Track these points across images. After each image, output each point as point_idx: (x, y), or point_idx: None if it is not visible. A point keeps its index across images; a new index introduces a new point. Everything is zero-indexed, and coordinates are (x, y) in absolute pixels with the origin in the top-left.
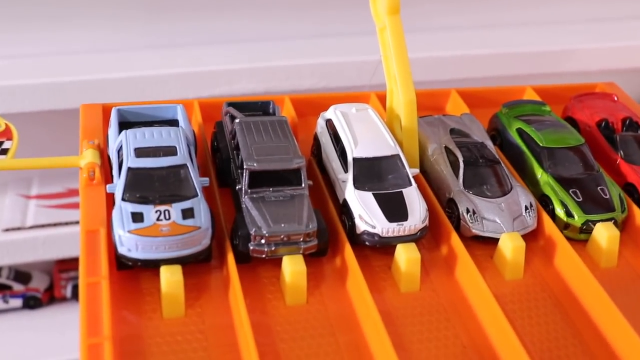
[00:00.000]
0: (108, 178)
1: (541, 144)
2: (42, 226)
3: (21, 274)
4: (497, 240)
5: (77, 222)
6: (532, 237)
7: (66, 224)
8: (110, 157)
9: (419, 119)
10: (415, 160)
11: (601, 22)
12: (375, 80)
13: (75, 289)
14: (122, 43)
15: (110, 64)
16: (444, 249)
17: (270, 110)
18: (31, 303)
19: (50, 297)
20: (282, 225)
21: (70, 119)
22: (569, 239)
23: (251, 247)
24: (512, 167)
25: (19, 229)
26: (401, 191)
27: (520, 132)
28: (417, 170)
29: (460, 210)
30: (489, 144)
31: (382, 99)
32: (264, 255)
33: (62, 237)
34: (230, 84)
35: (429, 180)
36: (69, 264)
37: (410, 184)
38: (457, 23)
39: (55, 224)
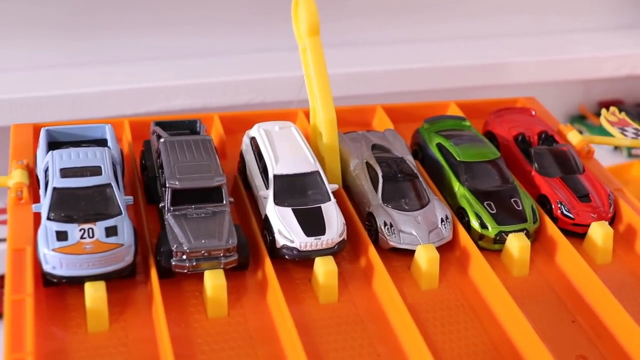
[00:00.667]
0: (37, 197)
1: (458, 158)
2: None
3: None
4: (413, 251)
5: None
6: (448, 248)
7: None
8: (38, 177)
9: (343, 135)
10: (337, 175)
11: (528, 37)
12: (303, 96)
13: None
14: (59, 60)
15: (47, 81)
16: (362, 260)
17: (197, 129)
18: None
19: None
20: (203, 241)
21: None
22: (484, 249)
23: (173, 263)
24: (432, 180)
25: None
26: (320, 206)
27: (439, 146)
28: (336, 186)
29: (378, 224)
30: (409, 158)
31: (308, 115)
32: (185, 270)
33: None
34: (168, 100)
35: (351, 194)
36: None
37: (329, 199)
38: (384, 38)
39: None
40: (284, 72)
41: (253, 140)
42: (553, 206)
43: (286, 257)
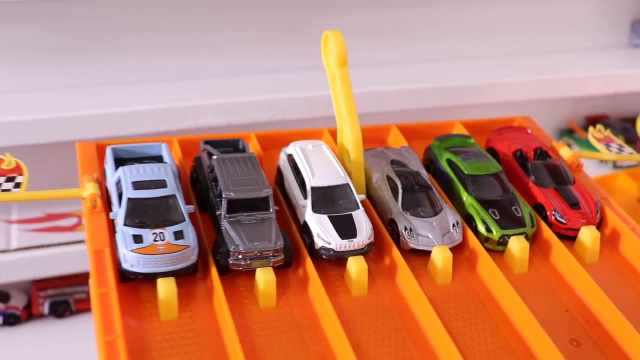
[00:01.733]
0: (106, 207)
1: (466, 172)
2: (26, 248)
3: (0, 294)
4: (430, 252)
5: (57, 245)
6: (458, 250)
7: (48, 246)
8: (109, 189)
9: (364, 152)
10: (362, 187)
11: (522, 57)
12: (330, 113)
13: (52, 306)
14: (95, 80)
15: (84, 101)
16: (387, 260)
17: (240, 147)
18: (11, 320)
19: (28, 315)
20: (256, 243)
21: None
22: (489, 250)
23: (230, 262)
24: (443, 191)
25: (4, 251)
26: (351, 214)
27: (449, 161)
28: (363, 196)
29: (399, 229)
30: (424, 172)
31: (333, 134)
32: (241, 268)
33: (43, 258)
34: (196, 118)
35: (374, 204)
36: (46, 283)
37: (358, 207)
38: (395, 58)
39: (38, 246)
40: (301, 92)
41: (290, 156)
42: (548, 213)
43: (323, 257)
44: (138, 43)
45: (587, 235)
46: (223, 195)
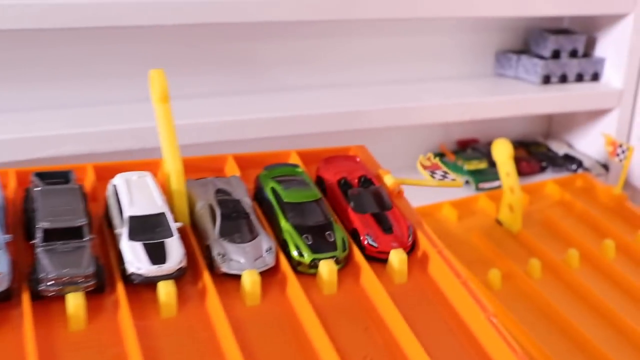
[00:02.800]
0: None
1: (285, 200)
2: None
3: None
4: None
5: None
6: (271, 273)
7: None
8: None
9: (193, 181)
10: (184, 214)
11: (386, 85)
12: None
13: None
14: None
15: None
16: (200, 284)
17: (70, 179)
18: None
19: None
20: (66, 269)
21: None
22: (301, 273)
23: (41, 288)
24: (267, 218)
25: None
26: (164, 241)
27: (273, 190)
28: (180, 224)
29: (213, 254)
30: (246, 200)
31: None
32: (52, 294)
33: None
34: (57, 147)
35: (197, 231)
36: None
37: (172, 235)
38: (259, 87)
39: None
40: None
41: (115, 187)
42: (361, 237)
43: (135, 281)
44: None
45: (395, 257)
46: (37, 225)
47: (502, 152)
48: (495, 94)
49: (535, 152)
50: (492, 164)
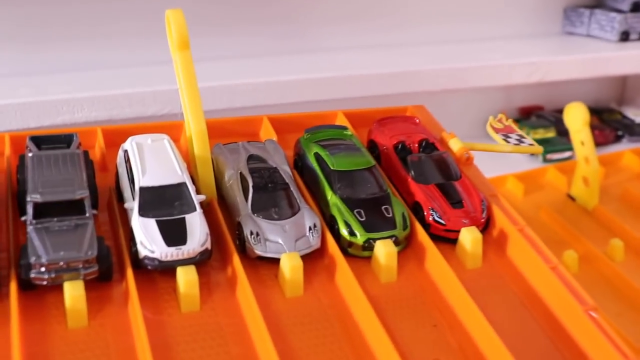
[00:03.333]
0: None
1: (332, 167)
2: None
3: None
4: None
5: None
6: (317, 256)
7: None
8: None
9: (222, 147)
10: (210, 186)
11: (441, 45)
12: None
13: None
14: None
15: None
16: (229, 270)
17: (73, 143)
18: None
19: None
20: (62, 253)
21: None
22: (354, 256)
23: (32, 275)
24: (311, 189)
25: None
26: (184, 217)
27: (317, 156)
28: (203, 197)
29: (245, 233)
30: (285, 168)
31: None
32: (45, 282)
33: None
34: (72, 112)
35: (226, 205)
36: None
37: (195, 210)
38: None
39: None
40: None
41: (125, 153)
42: (425, 213)
43: (148, 267)
44: (9, 32)
45: (468, 237)
46: (29, 199)
47: (577, 118)
48: (568, 53)
49: (609, 120)
50: (561, 133)
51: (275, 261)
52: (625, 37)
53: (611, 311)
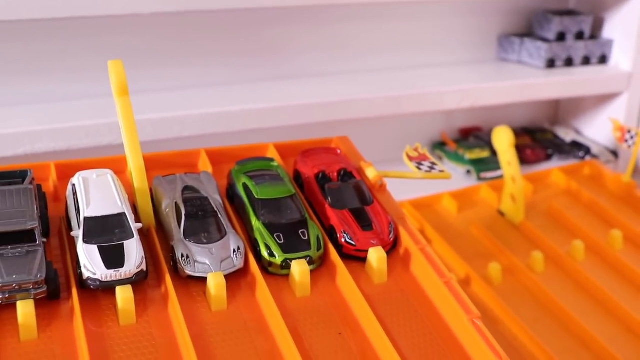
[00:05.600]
0: None
1: (256, 196)
2: None
3: None
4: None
5: None
6: (240, 275)
7: None
8: None
9: (161, 178)
10: (149, 215)
11: (377, 74)
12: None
13: None
14: None
15: None
16: (162, 288)
17: (27, 178)
18: None
19: None
20: (14, 276)
21: None
22: (273, 274)
23: None
24: (239, 216)
25: None
26: (122, 243)
27: (244, 186)
28: (140, 225)
29: (177, 255)
30: (216, 198)
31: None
32: (0, 302)
33: None
34: (32, 144)
35: (163, 231)
36: None
37: (133, 237)
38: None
39: None
40: (145, 115)
41: (73, 187)
42: (338, 235)
43: (91, 287)
44: None
45: (374, 256)
46: None
47: (503, 140)
48: (497, 80)
49: (541, 139)
50: (495, 153)
51: (204, 280)
52: (551, 64)
53: (529, 318)
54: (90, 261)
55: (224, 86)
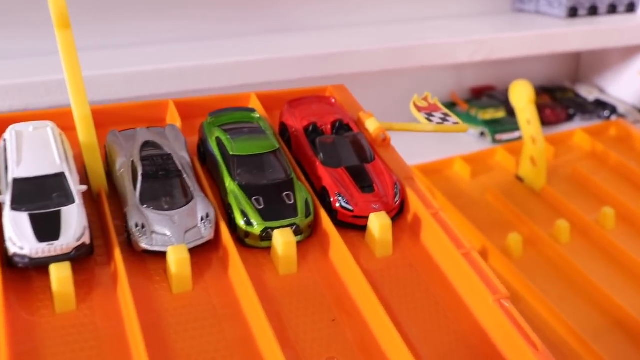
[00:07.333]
0: None
1: (231, 152)
2: None
3: None
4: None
5: None
6: (211, 248)
7: None
8: None
9: (117, 133)
10: (99, 175)
11: (382, 25)
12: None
13: None
14: None
15: None
16: (112, 265)
17: None
18: None
19: None
20: None
21: None
22: (252, 247)
23: None
24: (213, 177)
25: None
26: (59, 210)
27: (218, 141)
28: (84, 187)
29: (129, 225)
30: (182, 155)
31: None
32: None
33: None
34: None
35: (118, 196)
36: None
37: (73, 202)
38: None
39: None
40: (117, 69)
41: (4, 142)
42: (332, 199)
43: (19, 265)
44: None
45: (376, 223)
46: None
47: (521, 96)
48: (513, 30)
49: (562, 99)
50: (511, 113)
51: (164, 255)
52: (573, 13)
53: (553, 294)
54: (17, 233)
55: (211, 40)
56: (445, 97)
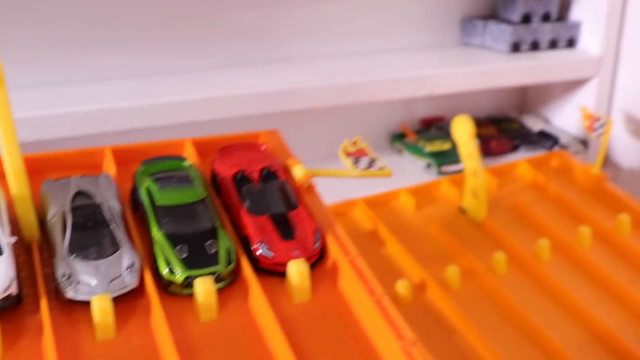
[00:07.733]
0: None
1: (157, 203)
2: None
3: None
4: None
5: None
6: (135, 296)
7: None
8: None
9: (52, 182)
10: (31, 226)
11: (327, 61)
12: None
13: None
14: None
15: None
16: (38, 315)
17: None
18: None
19: None
20: None
21: None
22: (176, 294)
23: None
24: (143, 226)
25: None
26: None
27: (148, 190)
28: (14, 239)
29: (57, 275)
30: (112, 205)
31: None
32: None
33: None
34: None
35: (48, 246)
36: None
37: (1, 254)
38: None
39: None
40: (60, 109)
41: None
42: (253, 246)
43: None
44: None
45: (294, 270)
46: None
47: (463, 131)
48: (458, 65)
49: (508, 129)
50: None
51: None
52: (516, 48)
53: (488, 327)
54: None
55: (154, 76)
56: (396, 129)
